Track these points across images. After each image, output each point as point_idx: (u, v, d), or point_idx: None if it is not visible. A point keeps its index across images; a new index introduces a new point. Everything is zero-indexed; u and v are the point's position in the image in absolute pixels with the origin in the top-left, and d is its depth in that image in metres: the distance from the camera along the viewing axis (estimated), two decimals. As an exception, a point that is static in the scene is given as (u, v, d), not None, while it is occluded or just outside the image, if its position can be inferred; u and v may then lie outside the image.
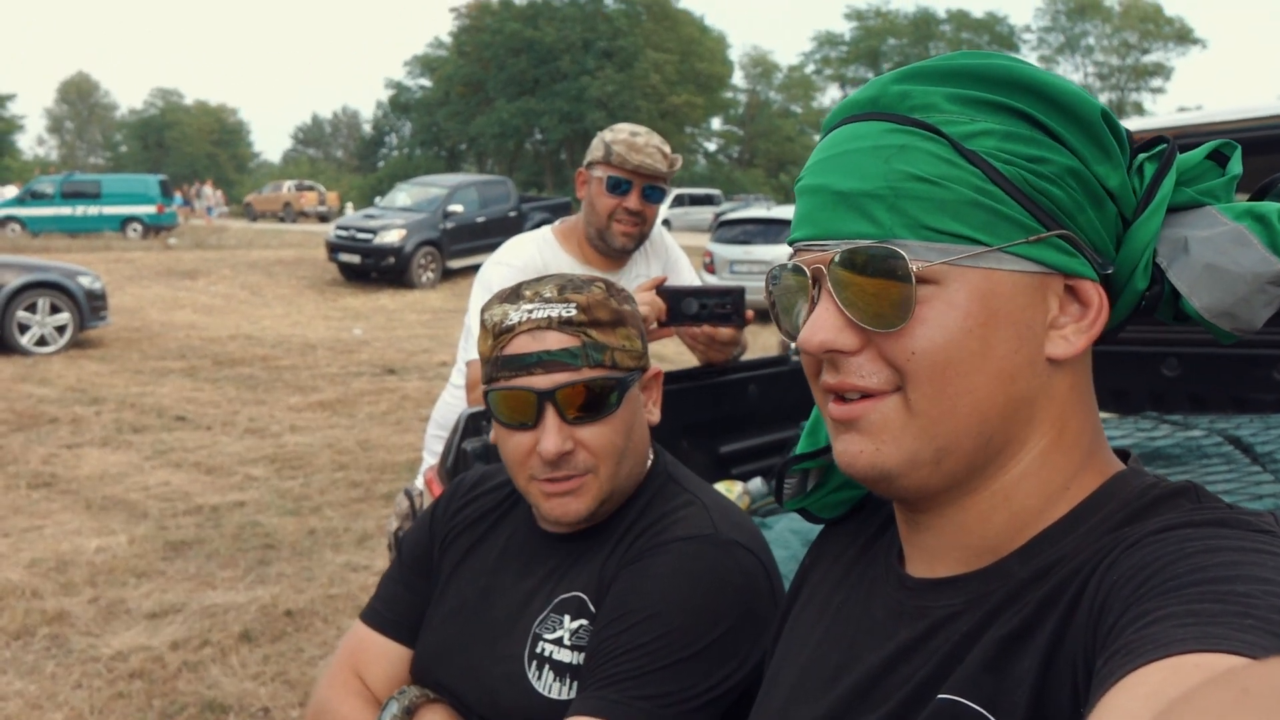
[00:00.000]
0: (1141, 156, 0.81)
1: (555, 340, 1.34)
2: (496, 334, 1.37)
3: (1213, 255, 0.77)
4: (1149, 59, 63.17)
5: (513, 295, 1.39)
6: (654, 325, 2.30)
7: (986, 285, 0.75)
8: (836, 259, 0.78)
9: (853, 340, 0.78)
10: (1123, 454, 0.85)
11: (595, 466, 1.36)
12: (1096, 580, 0.69)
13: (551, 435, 1.33)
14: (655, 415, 1.49)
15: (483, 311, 1.41)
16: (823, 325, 0.79)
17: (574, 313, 1.35)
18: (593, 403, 1.35)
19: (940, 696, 0.74)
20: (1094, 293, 0.78)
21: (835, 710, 0.84)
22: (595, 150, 2.60)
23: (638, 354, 1.42)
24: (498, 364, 1.37)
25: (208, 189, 41.58)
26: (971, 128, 0.76)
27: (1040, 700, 0.69)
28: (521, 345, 1.35)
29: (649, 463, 1.49)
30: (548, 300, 1.36)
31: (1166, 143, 0.81)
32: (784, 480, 1.02)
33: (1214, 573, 0.61)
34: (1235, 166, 0.81)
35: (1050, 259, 0.76)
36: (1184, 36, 62.78)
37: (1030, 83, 0.76)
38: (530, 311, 1.35)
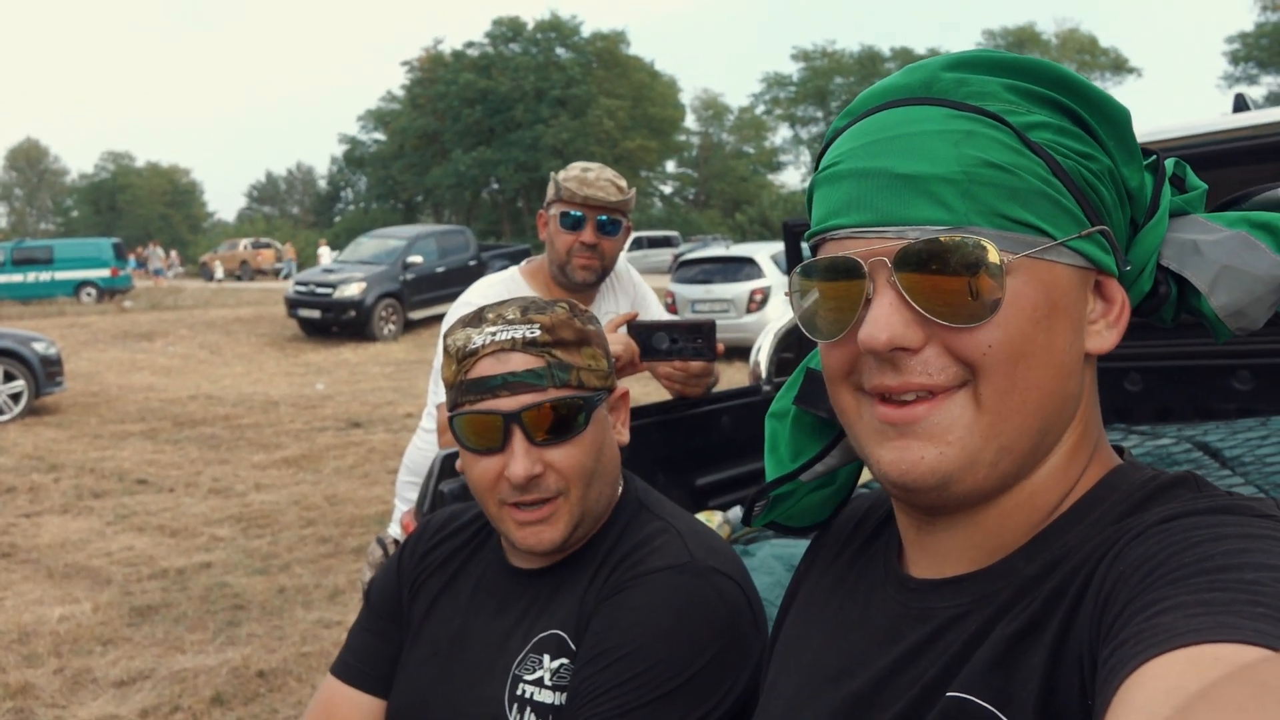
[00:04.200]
0: None
1: (520, 361, 1.32)
2: (460, 358, 1.35)
3: (1227, 257, 0.79)
4: (1088, 89, 64.50)
5: (475, 319, 1.38)
6: (626, 362, 2.30)
7: (1050, 277, 0.75)
8: (904, 250, 0.73)
9: (919, 336, 0.74)
10: (1118, 450, 0.86)
11: (565, 489, 1.34)
12: (1102, 572, 0.69)
13: (520, 459, 1.30)
14: (624, 436, 1.47)
15: (445, 337, 1.39)
16: (887, 321, 0.73)
17: (538, 333, 1.34)
18: (560, 424, 1.33)
19: (949, 695, 0.74)
20: (1117, 290, 0.80)
21: (840, 713, 0.83)
22: (550, 190, 2.65)
23: (604, 374, 1.40)
24: (462, 388, 1.34)
25: (158, 250, 41.23)
26: (1031, 119, 0.76)
27: (1049, 694, 0.68)
28: (486, 368, 1.33)
29: (619, 489, 1.47)
30: (511, 322, 1.35)
31: (1154, 154, 0.83)
32: (755, 505, 1.01)
33: (1221, 560, 0.61)
34: (1196, 181, 0.85)
35: (1094, 255, 0.77)
36: (1120, 66, 64.42)
37: (1073, 82, 0.77)
38: (494, 334, 1.34)
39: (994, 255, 0.72)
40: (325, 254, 39.26)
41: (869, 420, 0.79)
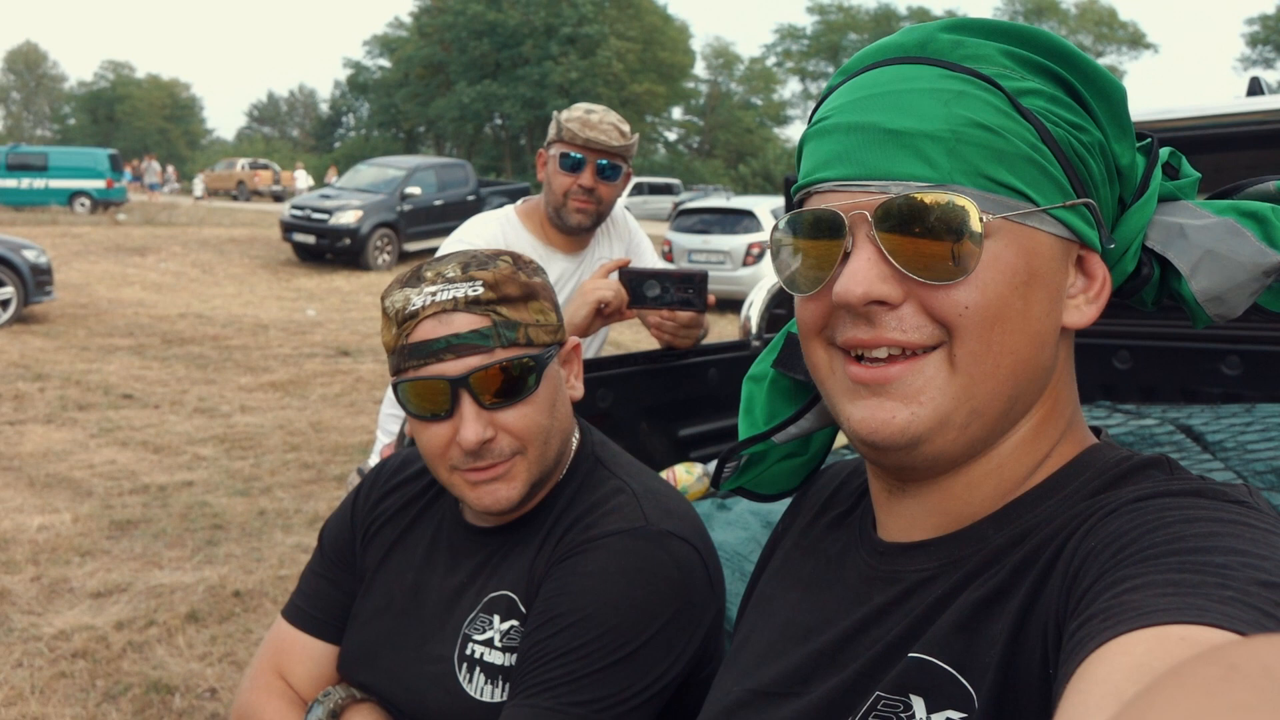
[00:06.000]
0: None
1: (464, 322, 1.25)
2: (400, 321, 1.28)
3: (1212, 242, 0.79)
4: (1103, 61, 63.94)
5: (413, 278, 1.30)
6: (615, 308, 2.29)
7: (1030, 244, 0.75)
8: (885, 205, 0.73)
9: (896, 291, 0.74)
10: (1095, 430, 0.86)
11: (522, 449, 1.29)
12: (1072, 546, 0.70)
13: (470, 424, 1.24)
14: (578, 390, 1.42)
15: (383, 299, 1.32)
16: (865, 275, 0.73)
17: (481, 291, 1.26)
18: (510, 385, 1.27)
19: (910, 655, 0.75)
20: (1099, 266, 0.80)
21: (803, 669, 0.84)
22: (551, 129, 2.62)
23: (553, 328, 1.34)
24: (404, 353, 1.27)
25: (154, 164, 40.78)
26: (1023, 84, 0.76)
27: (1010, 661, 0.69)
28: (428, 330, 1.25)
29: (575, 443, 1.43)
30: (451, 280, 1.27)
31: (1149, 138, 0.83)
32: (724, 466, 1.01)
33: (1192, 543, 0.62)
34: (1190, 170, 0.85)
35: (1078, 226, 0.77)
36: (1137, 41, 63.88)
37: (1069, 54, 0.77)
38: (434, 294, 1.26)
39: (974, 215, 0.72)
40: (302, 177, 38.96)
41: (841, 377, 0.79)
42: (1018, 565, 0.73)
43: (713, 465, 2.30)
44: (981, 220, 0.72)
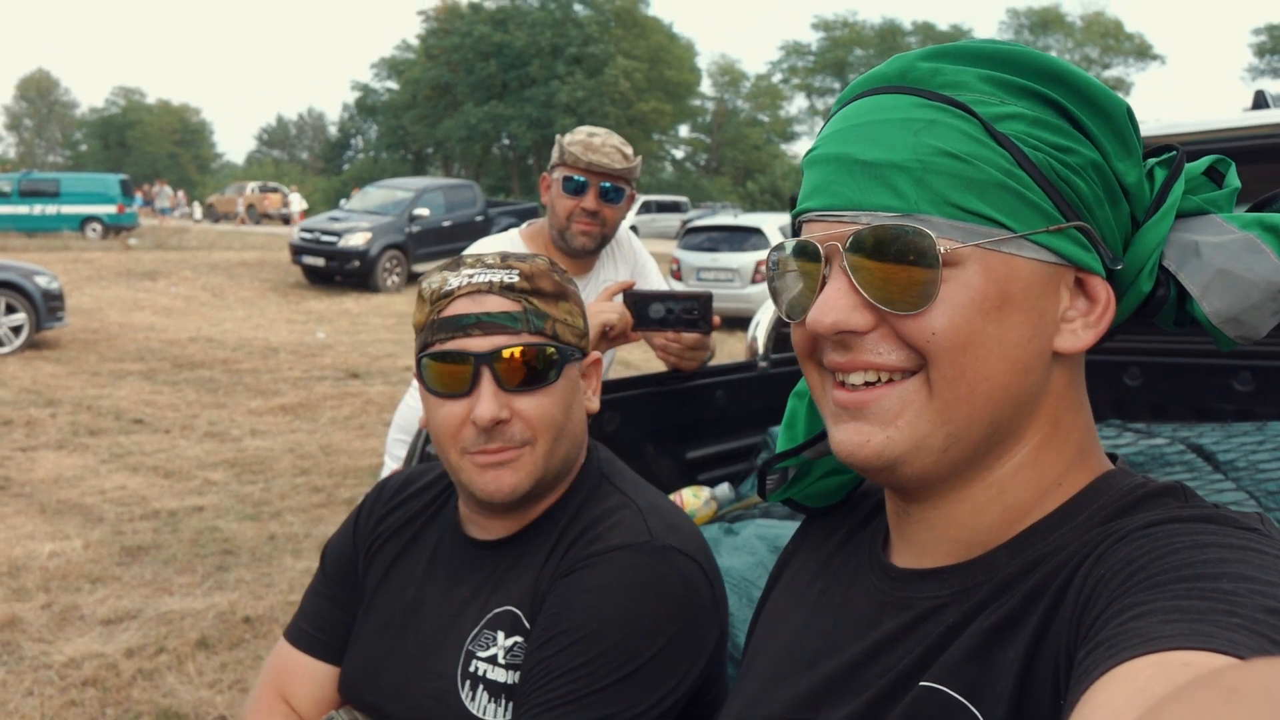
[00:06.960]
0: (1152, 161, 0.81)
1: (496, 304, 1.29)
2: (434, 300, 1.32)
3: (1226, 261, 0.77)
4: (1110, 74, 64.18)
5: (453, 264, 1.35)
6: (620, 331, 2.28)
7: (1005, 270, 0.74)
8: (854, 236, 0.75)
9: (866, 320, 0.76)
10: (1111, 457, 0.85)
11: (532, 439, 1.30)
12: (1083, 573, 0.69)
13: (487, 401, 1.26)
14: (594, 404, 1.43)
15: (421, 281, 1.36)
16: (834, 305, 0.76)
17: (516, 278, 1.31)
18: (532, 371, 1.29)
19: (921, 684, 0.74)
20: (1102, 289, 0.78)
21: (813, 695, 0.84)
22: (555, 153, 2.64)
23: (579, 332, 1.37)
24: (434, 327, 1.30)
25: (165, 189, 41.11)
26: (1002, 109, 0.75)
27: (1023, 691, 0.69)
28: (460, 307, 1.29)
29: (582, 457, 1.43)
30: (490, 266, 1.32)
31: (1175, 150, 0.81)
32: (766, 478, 1.01)
33: (1201, 569, 0.61)
34: (1234, 180, 0.82)
35: (1067, 250, 0.76)
36: (1143, 52, 63.90)
37: (1061, 73, 0.76)
38: (471, 276, 1.31)
39: (934, 243, 0.73)
40: (296, 200, 39.39)
41: (829, 399, 0.82)
42: (1029, 593, 0.73)
43: (720, 489, 2.29)
44: (941, 249, 0.73)
